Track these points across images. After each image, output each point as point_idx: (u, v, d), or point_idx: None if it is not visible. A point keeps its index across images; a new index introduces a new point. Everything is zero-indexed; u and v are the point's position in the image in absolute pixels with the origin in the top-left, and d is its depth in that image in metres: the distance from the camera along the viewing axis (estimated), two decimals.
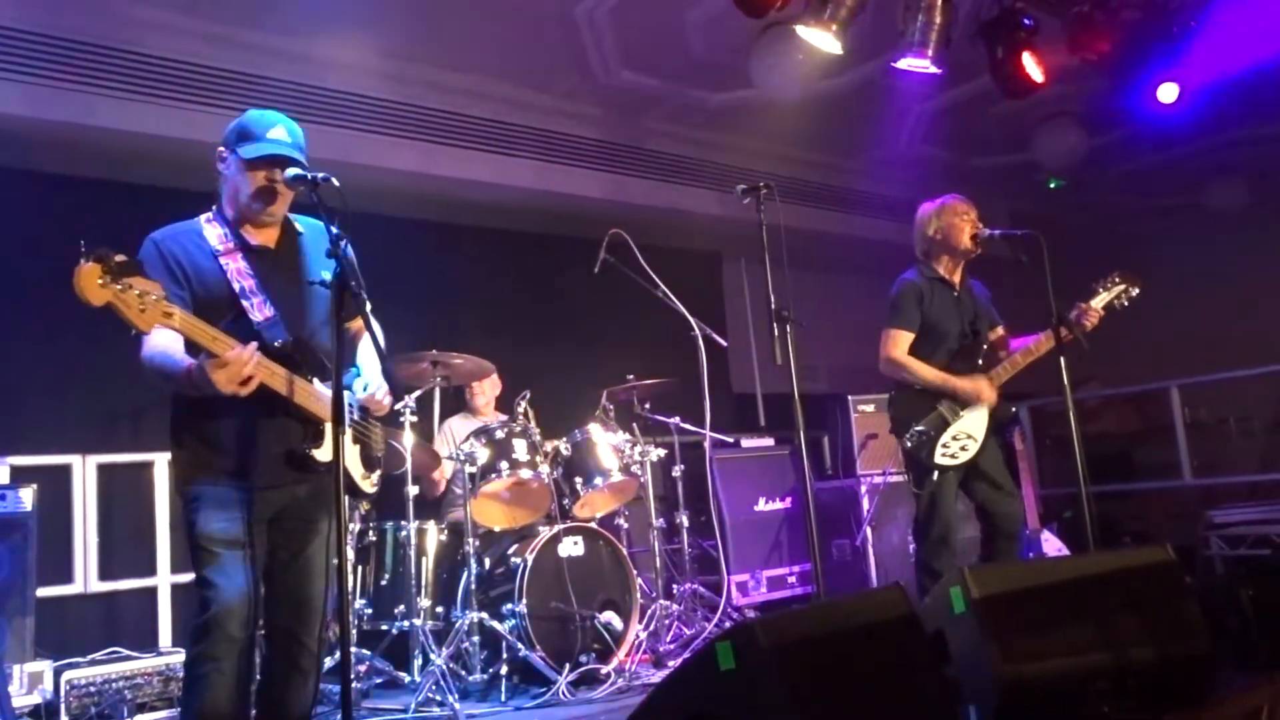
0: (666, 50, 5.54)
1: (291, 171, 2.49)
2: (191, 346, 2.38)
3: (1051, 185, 7.81)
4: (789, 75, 5.08)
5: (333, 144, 5.18)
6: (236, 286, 2.49)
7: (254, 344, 2.34)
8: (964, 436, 3.96)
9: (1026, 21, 4.90)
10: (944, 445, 3.94)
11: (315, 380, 2.56)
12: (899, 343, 4.04)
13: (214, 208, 2.64)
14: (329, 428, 2.51)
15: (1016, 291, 4.43)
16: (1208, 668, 2.87)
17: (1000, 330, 4.21)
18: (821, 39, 4.48)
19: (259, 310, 2.50)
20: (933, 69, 4.65)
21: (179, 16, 4.75)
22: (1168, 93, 5.41)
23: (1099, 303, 4.03)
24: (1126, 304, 4.06)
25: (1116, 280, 4.06)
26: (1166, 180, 7.92)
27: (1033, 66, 4.94)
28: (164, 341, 2.38)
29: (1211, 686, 2.88)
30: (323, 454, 2.52)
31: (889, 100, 6.08)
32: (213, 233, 2.56)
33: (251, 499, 2.47)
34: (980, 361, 4.06)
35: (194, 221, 2.60)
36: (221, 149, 2.60)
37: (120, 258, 2.09)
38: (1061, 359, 3.79)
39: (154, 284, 2.18)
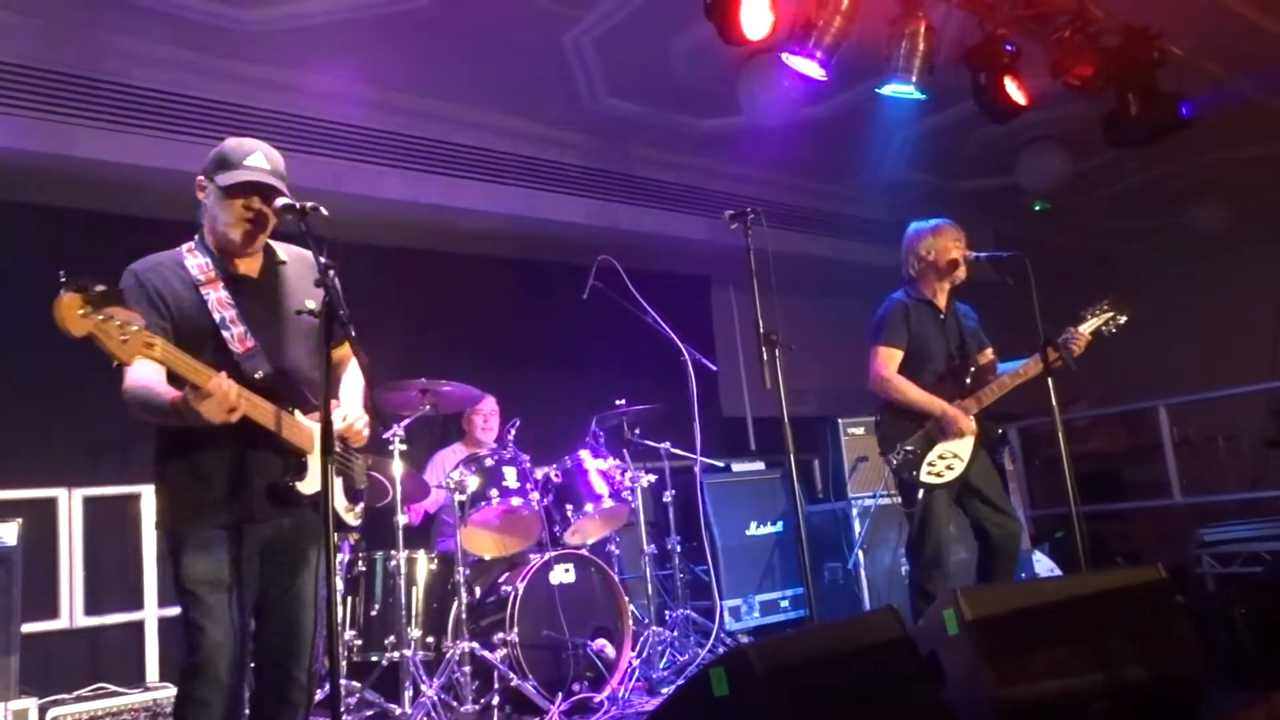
0: (653, 77, 5.58)
1: (281, 200, 2.49)
2: (174, 379, 2.36)
3: (1036, 208, 7.87)
4: (774, 101, 5.12)
5: (321, 173, 5.20)
6: (217, 317, 2.47)
7: (223, 373, 2.32)
8: (950, 455, 3.97)
9: (1008, 47, 4.97)
10: (930, 464, 3.95)
11: (296, 412, 2.53)
12: (888, 360, 4.06)
13: (196, 237, 2.62)
14: (311, 460, 2.50)
15: (1004, 314, 4.45)
16: (1200, 686, 2.87)
17: (989, 354, 4.23)
18: (806, 66, 4.52)
19: (239, 342, 2.47)
20: (917, 94, 4.70)
21: (165, 47, 4.75)
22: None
23: (1088, 329, 4.06)
24: (1114, 330, 4.10)
25: (1105, 307, 4.10)
26: (1151, 202, 7.99)
27: (1015, 91, 5.01)
28: (145, 374, 2.36)
29: (1205, 705, 2.88)
30: (306, 486, 2.50)
31: (874, 125, 6.13)
32: (194, 262, 2.54)
33: (236, 536, 2.44)
34: (969, 382, 4.07)
35: (176, 251, 2.58)
36: (200, 178, 2.58)
37: (101, 287, 2.06)
38: (1050, 380, 3.81)
39: (135, 314, 2.15)
